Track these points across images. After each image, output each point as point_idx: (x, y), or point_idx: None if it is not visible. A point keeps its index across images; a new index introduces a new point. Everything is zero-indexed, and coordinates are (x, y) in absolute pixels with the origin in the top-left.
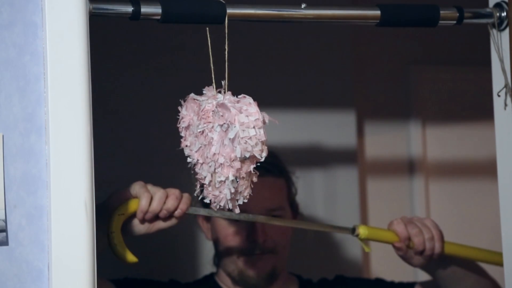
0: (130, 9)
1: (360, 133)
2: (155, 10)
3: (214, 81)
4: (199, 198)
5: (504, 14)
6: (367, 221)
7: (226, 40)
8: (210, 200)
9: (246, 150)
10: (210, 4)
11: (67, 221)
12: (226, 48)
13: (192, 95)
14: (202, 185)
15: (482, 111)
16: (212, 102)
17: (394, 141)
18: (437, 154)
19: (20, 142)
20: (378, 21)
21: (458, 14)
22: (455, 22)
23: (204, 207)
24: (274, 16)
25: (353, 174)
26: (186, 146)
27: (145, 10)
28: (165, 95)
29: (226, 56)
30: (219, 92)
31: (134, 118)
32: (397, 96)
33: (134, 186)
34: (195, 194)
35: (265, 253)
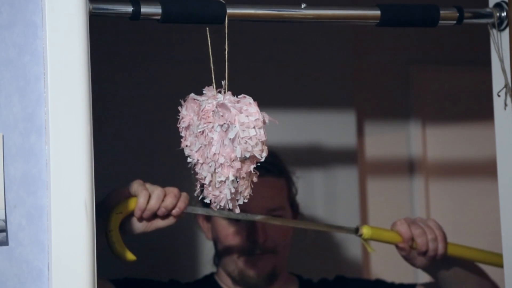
0: (130, 9)
1: (360, 133)
2: (155, 10)
3: (214, 81)
4: (199, 198)
5: (504, 14)
6: (367, 221)
7: (226, 40)
8: (210, 200)
9: (246, 150)
10: (210, 4)
11: (67, 221)
12: (226, 48)
13: (192, 95)
14: (202, 185)
15: (482, 111)
16: (212, 102)
17: (394, 141)
18: (437, 154)
19: (20, 142)
20: (378, 21)
21: (458, 14)
22: (455, 22)
23: (204, 207)
24: (274, 16)
25: (353, 174)
26: (186, 146)
27: (145, 10)
28: (165, 95)
29: (226, 56)
30: (219, 92)
31: (134, 118)
32: (397, 96)
33: (132, 184)
34: (195, 194)
35: (265, 253)
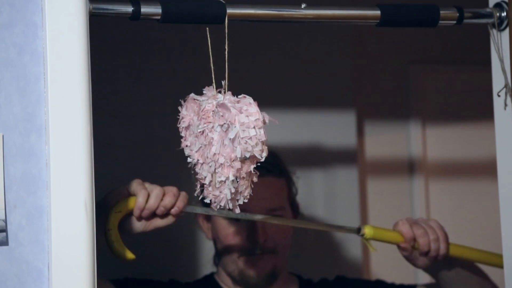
0: (130, 9)
1: (360, 133)
2: (155, 10)
3: (214, 81)
4: (200, 198)
5: (504, 14)
6: (367, 221)
7: (226, 40)
8: (210, 200)
9: (246, 150)
10: (210, 4)
11: (67, 221)
12: (226, 48)
13: (192, 95)
14: (202, 185)
15: (482, 111)
16: (212, 102)
17: (394, 141)
18: (437, 154)
19: (20, 142)
20: (378, 21)
21: (458, 14)
22: (455, 22)
23: (203, 207)
24: (274, 16)
25: (353, 174)
26: (186, 146)
27: (145, 10)
28: (165, 95)
29: (226, 56)
30: (219, 92)
31: (134, 118)
32: (397, 96)
33: (131, 183)
34: (196, 194)
35: (265, 253)
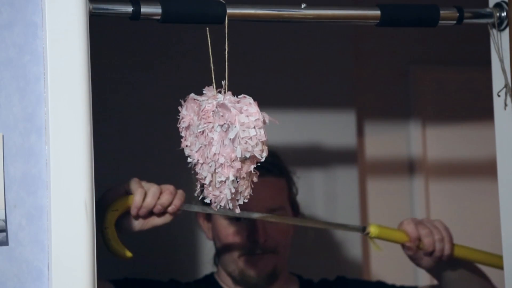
0: (130, 9)
1: (360, 133)
2: (155, 10)
3: (214, 81)
4: (200, 198)
5: (504, 14)
6: (367, 221)
7: (226, 40)
8: (210, 200)
9: (246, 150)
10: (210, 4)
11: (67, 221)
12: (226, 48)
13: (192, 95)
14: (202, 185)
15: (482, 111)
16: (212, 102)
17: (394, 141)
18: (437, 154)
19: (20, 142)
20: (378, 21)
21: (458, 14)
22: (455, 22)
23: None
24: (274, 16)
25: (353, 174)
26: (186, 146)
27: (145, 10)
28: (165, 95)
29: (226, 56)
30: (219, 92)
31: (134, 118)
32: (397, 96)
33: (128, 182)
34: (196, 194)
35: (266, 253)
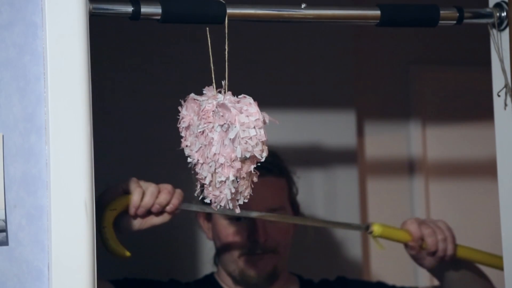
0: (130, 9)
1: (360, 133)
2: (155, 10)
3: (214, 81)
4: (200, 198)
5: (504, 14)
6: (367, 221)
7: (226, 40)
8: (210, 200)
9: (246, 150)
10: (210, 4)
11: (67, 221)
12: (226, 48)
13: (192, 95)
14: (202, 185)
15: (482, 111)
16: (212, 102)
17: (394, 141)
18: (437, 154)
19: (20, 142)
20: (378, 21)
21: (458, 14)
22: (455, 22)
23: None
24: (274, 16)
25: (353, 174)
26: (187, 146)
27: (145, 10)
28: (165, 95)
29: (226, 56)
30: (219, 92)
31: (134, 118)
32: (397, 96)
33: (126, 181)
34: (196, 194)
35: (266, 252)
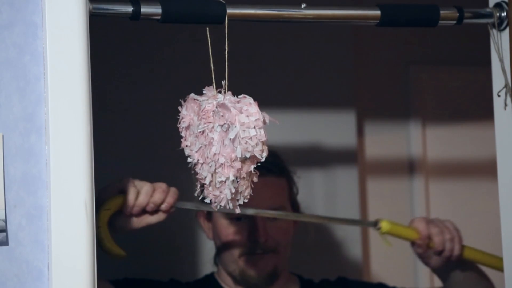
0: (130, 9)
1: (360, 133)
2: (155, 10)
3: (214, 81)
4: (200, 198)
5: (504, 14)
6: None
7: (226, 40)
8: (210, 200)
9: (246, 150)
10: (210, 4)
11: (67, 221)
12: (226, 48)
13: (192, 95)
14: (202, 185)
15: (482, 111)
16: (212, 102)
17: (394, 141)
18: (437, 154)
19: (20, 142)
20: (378, 21)
21: (458, 14)
22: (455, 22)
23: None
24: (274, 16)
25: (353, 174)
26: (187, 146)
27: (145, 10)
28: (165, 95)
29: (226, 56)
30: (219, 92)
31: (134, 118)
32: (397, 96)
33: (121, 181)
34: (196, 194)
35: (266, 252)
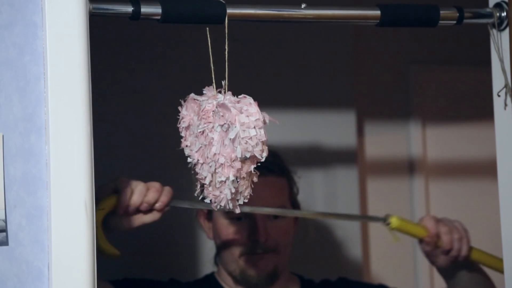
0: (130, 9)
1: (360, 133)
2: (155, 10)
3: (214, 81)
4: (200, 198)
5: (504, 14)
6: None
7: (226, 40)
8: (210, 200)
9: (246, 150)
10: (210, 4)
11: (67, 221)
12: (226, 48)
13: (192, 95)
14: (202, 185)
15: (482, 111)
16: (212, 102)
17: (394, 141)
18: (437, 154)
19: (20, 142)
20: (378, 21)
21: (458, 14)
22: (455, 22)
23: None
24: (274, 16)
25: (353, 174)
26: (187, 146)
27: (145, 10)
28: (165, 95)
29: (226, 56)
30: (219, 92)
31: (134, 118)
32: (397, 96)
33: (115, 181)
34: (196, 194)
35: (266, 252)
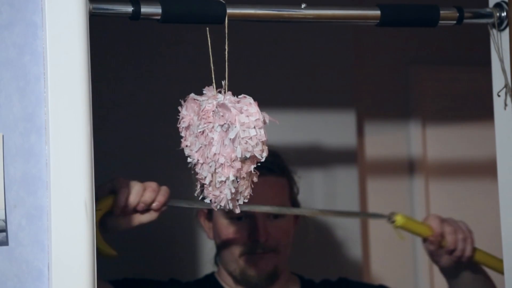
0: (130, 9)
1: (360, 133)
2: (155, 10)
3: (214, 81)
4: (200, 198)
5: (504, 14)
6: (367, 221)
7: (226, 40)
8: (210, 200)
9: (246, 150)
10: (210, 4)
11: (67, 221)
12: (226, 48)
13: (192, 95)
14: (202, 185)
15: (482, 111)
16: (212, 102)
17: (394, 141)
18: (437, 154)
19: (20, 142)
20: (378, 21)
21: (458, 14)
22: (455, 22)
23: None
24: (274, 16)
25: (353, 174)
26: (186, 146)
27: (145, 10)
28: (165, 95)
29: (226, 56)
30: (219, 92)
31: (134, 118)
32: (397, 96)
33: (112, 181)
34: (196, 194)
35: (266, 252)
